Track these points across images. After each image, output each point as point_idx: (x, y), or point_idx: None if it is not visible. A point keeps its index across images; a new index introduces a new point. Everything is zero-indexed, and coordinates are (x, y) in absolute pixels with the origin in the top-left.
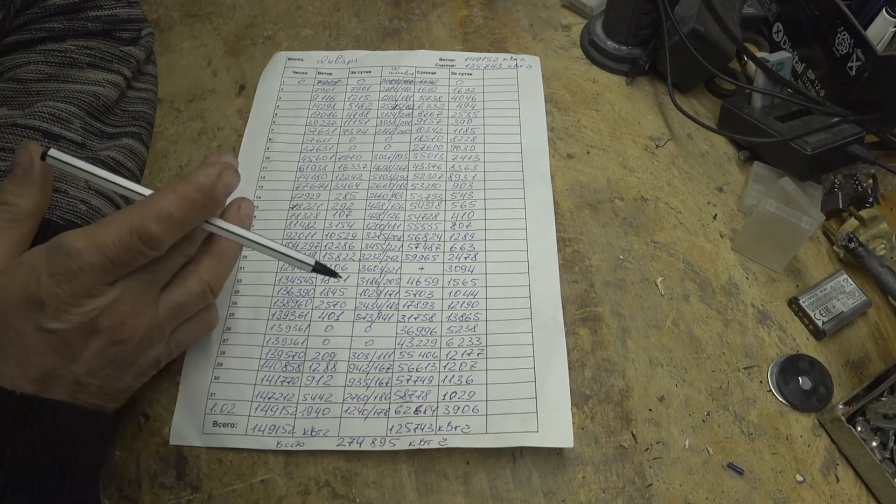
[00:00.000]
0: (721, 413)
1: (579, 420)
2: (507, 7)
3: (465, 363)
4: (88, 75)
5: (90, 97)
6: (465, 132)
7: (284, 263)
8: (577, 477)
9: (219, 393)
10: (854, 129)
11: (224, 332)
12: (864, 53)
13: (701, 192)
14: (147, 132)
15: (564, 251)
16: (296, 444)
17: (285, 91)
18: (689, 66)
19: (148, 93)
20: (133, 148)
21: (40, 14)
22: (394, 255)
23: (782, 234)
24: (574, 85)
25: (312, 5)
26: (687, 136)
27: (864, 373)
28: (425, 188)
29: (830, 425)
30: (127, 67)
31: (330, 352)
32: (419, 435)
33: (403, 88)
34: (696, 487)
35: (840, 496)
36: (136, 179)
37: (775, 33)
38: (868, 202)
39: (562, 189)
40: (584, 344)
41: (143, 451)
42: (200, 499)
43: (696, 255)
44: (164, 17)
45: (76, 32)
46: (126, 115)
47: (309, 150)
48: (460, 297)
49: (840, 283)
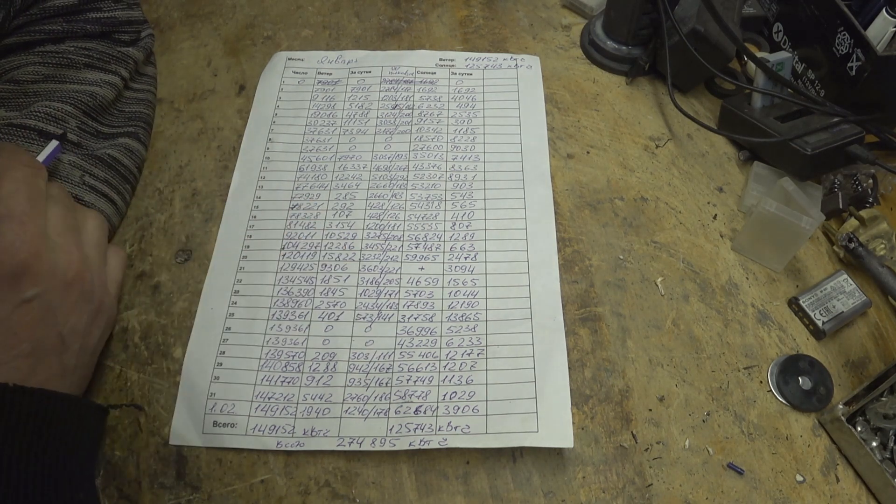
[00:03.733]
0: (721, 413)
1: (579, 420)
2: (507, 7)
3: (465, 363)
4: (86, 76)
5: (87, 97)
6: (465, 132)
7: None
8: (577, 477)
9: (219, 393)
10: (854, 129)
11: (224, 332)
12: (864, 53)
13: (701, 192)
14: (144, 132)
15: (564, 251)
16: (296, 444)
17: (285, 91)
18: (689, 66)
19: (146, 94)
20: (130, 146)
21: (39, 16)
22: (394, 255)
23: (782, 234)
24: (574, 85)
25: (312, 5)
26: (687, 136)
27: (864, 373)
28: (425, 188)
29: (830, 425)
30: (124, 68)
31: (330, 352)
32: (419, 435)
33: (403, 88)
34: (696, 487)
35: (840, 496)
36: (135, 177)
37: (775, 33)
38: (868, 202)
39: (562, 189)
40: (584, 344)
41: (142, 451)
42: (200, 499)
43: (696, 255)
44: (164, 17)
45: (75, 34)
46: (123, 115)
47: (309, 150)
48: (460, 297)
49: (840, 283)
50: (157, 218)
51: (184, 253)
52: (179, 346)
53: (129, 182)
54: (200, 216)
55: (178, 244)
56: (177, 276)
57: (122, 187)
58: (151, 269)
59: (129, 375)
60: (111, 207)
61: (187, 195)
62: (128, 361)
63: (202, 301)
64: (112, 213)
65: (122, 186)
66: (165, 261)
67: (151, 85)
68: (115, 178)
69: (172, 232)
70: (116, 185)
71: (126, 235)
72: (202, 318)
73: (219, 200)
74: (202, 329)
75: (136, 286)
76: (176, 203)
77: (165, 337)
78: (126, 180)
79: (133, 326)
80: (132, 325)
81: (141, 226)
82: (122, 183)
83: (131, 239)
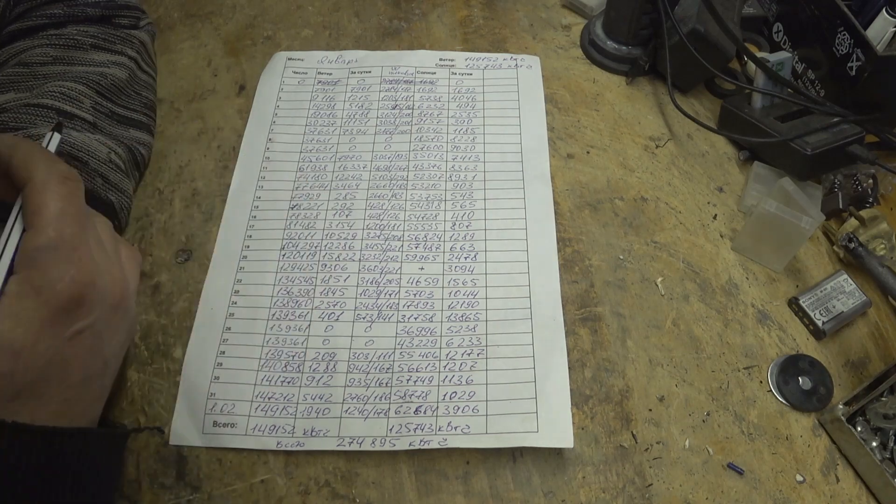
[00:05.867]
0: (721, 413)
1: (579, 420)
2: (507, 7)
3: (465, 363)
4: (93, 57)
5: (98, 76)
6: (465, 132)
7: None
8: (577, 477)
9: (219, 393)
10: (854, 129)
11: (224, 332)
12: (864, 53)
13: (701, 192)
14: (154, 124)
15: (564, 251)
16: (296, 444)
17: (285, 91)
18: (689, 66)
19: (154, 81)
20: (142, 139)
21: (40, 1)
22: (394, 255)
23: (782, 234)
24: (574, 85)
25: (312, 5)
26: (687, 136)
27: (864, 373)
28: (425, 188)
29: (830, 425)
30: (131, 48)
31: (330, 352)
32: (419, 435)
33: (403, 88)
34: (696, 487)
35: (840, 496)
36: (145, 167)
37: (775, 33)
38: (868, 202)
39: (562, 189)
40: (584, 344)
41: (143, 451)
42: (200, 499)
43: (696, 255)
44: (164, 17)
45: (76, 18)
46: (139, 98)
47: (309, 150)
48: (460, 297)
49: (840, 283)
50: (157, 218)
51: (184, 253)
52: (179, 346)
53: (139, 170)
54: (200, 216)
55: (178, 244)
56: (177, 276)
57: (134, 174)
58: (151, 269)
59: (128, 375)
60: (129, 193)
61: (187, 195)
62: (128, 361)
63: (202, 301)
64: (127, 202)
65: (134, 172)
66: (165, 261)
67: (156, 73)
68: (132, 162)
69: (172, 232)
70: (131, 170)
71: (126, 235)
72: (202, 318)
73: (219, 200)
74: (202, 329)
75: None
76: (176, 203)
77: (165, 337)
78: (138, 167)
79: None
80: None
81: (141, 226)
82: (134, 169)
83: (131, 239)
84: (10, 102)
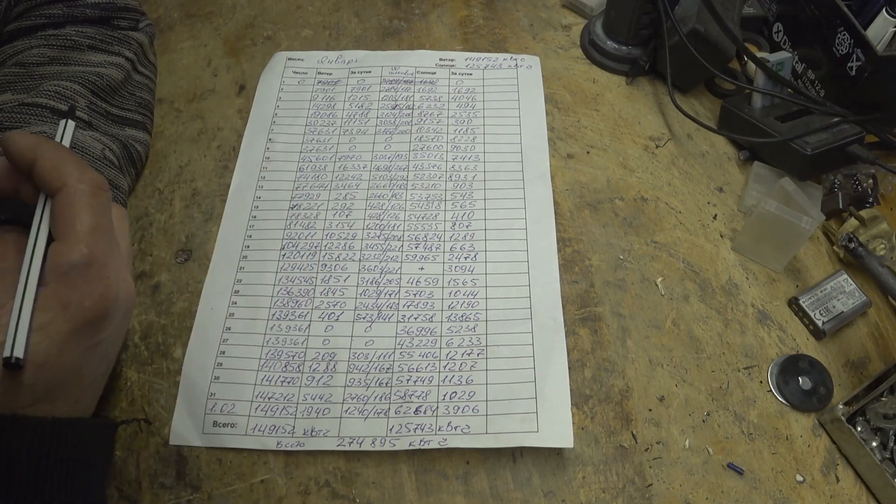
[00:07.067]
0: (721, 413)
1: (579, 420)
2: (507, 7)
3: (465, 363)
4: (90, 57)
5: (94, 76)
6: (465, 132)
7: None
8: (577, 477)
9: (219, 393)
10: (854, 129)
11: (224, 332)
12: (864, 53)
13: (701, 192)
14: (151, 122)
15: (564, 251)
16: (296, 444)
17: (285, 91)
18: (689, 66)
19: (151, 81)
20: (138, 137)
21: (40, 1)
22: (394, 255)
23: (782, 234)
24: (574, 85)
25: (312, 5)
26: (687, 136)
27: (864, 373)
28: (425, 188)
29: (830, 425)
30: (128, 49)
31: (330, 352)
32: (419, 435)
33: (403, 88)
34: (696, 487)
35: (840, 496)
36: (142, 165)
37: (775, 33)
38: (868, 202)
39: (562, 189)
40: (584, 344)
41: (143, 451)
42: (200, 499)
43: (696, 255)
44: (164, 17)
45: (75, 19)
46: (133, 98)
47: (309, 150)
48: (460, 297)
49: (840, 283)
50: (157, 218)
51: (184, 253)
52: (179, 346)
53: (135, 167)
54: (200, 216)
55: (178, 244)
56: (177, 276)
57: (130, 170)
58: (151, 269)
59: (129, 375)
60: (125, 189)
61: (187, 195)
62: (128, 361)
63: (202, 301)
64: (122, 197)
65: (130, 169)
66: (165, 261)
67: (154, 74)
68: (127, 159)
69: (172, 232)
70: (127, 167)
71: None
72: (202, 318)
73: (219, 200)
74: (202, 329)
75: (137, 286)
76: (176, 203)
77: (165, 337)
78: (134, 164)
79: (133, 326)
80: (132, 325)
81: (141, 226)
82: (130, 166)
83: (131, 239)
84: (7, 103)
